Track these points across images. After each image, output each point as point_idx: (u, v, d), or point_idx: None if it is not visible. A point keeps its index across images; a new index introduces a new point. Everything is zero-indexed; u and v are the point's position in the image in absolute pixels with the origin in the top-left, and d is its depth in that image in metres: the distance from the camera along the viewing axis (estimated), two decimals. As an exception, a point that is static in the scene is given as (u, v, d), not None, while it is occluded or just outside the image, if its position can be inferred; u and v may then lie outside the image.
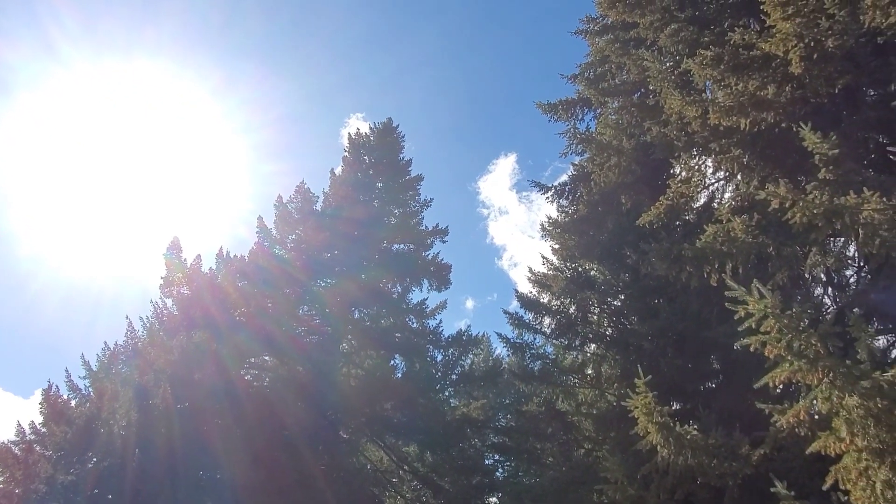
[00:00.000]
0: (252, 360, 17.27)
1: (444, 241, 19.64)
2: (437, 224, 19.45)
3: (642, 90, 12.60)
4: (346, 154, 19.98)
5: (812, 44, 7.87)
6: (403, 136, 20.18)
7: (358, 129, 20.94)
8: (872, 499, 4.89)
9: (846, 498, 5.29)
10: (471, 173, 72.65)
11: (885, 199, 6.33)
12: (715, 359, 11.23)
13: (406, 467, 18.83)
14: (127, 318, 15.25)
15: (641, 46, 12.10)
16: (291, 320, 17.20)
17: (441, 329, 18.51)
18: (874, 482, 4.89)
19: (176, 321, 15.39)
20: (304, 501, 13.85)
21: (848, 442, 5.09)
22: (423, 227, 19.63)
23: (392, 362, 19.04)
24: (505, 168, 67.56)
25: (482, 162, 71.32)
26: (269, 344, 16.14)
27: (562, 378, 14.63)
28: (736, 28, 9.48)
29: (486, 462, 19.90)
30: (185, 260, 16.30)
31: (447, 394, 19.37)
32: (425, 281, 19.13)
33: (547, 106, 15.35)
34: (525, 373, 15.19)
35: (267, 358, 17.60)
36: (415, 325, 19.03)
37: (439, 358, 18.55)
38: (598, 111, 14.60)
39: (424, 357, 18.60)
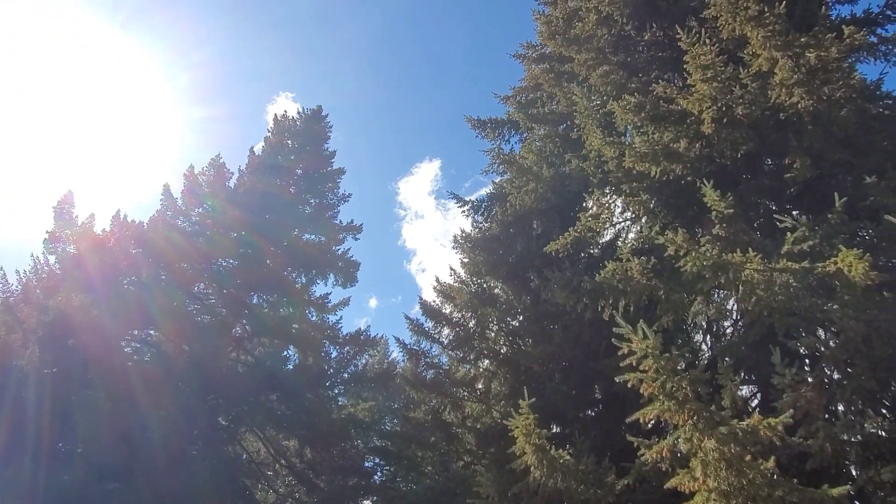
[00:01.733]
0: (135, 332, 16.38)
1: (356, 239, 19.49)
2: (353, 220, 19.30)
3: (568, 123, 13.04)
4: (269, 135, 19.47)
5: (724, 108, 8.45)
6: (331, 127, 19.93)
7: (285, 111, 20.54)
8: (715, 536, 5.26)
9: (693, 533, 5.65)
10: (393, 173, 72.50)
11: (765, 262, 6.85)
12: (598, 388, 11.70)
13: (283, 461, 18.43)
14: (0, 269, 14.09)
15: (574, 81, 12.52)
16: (185, 296, 16.47)
17: (340, 326, 18.36)
18: (719, 521, 5.27)
19: (56, 280, 14.37)
20: (170, 486, 13.23)
21: (701, 482, 5.45)
22: (338, 222, 19.40)
23: (285, 353, 18.66)
24: (428, 173, 67.85)
25: (406, 163, 71.33)
26: (156, 318, 15.36)
27: (452, 389, 14.77)
28: (661, 80, 10.04)
29: (366, 464, 19.77)
30: (76, 217, 15.26)
31: (336, 391, 19.16)
32: (332, 275, 18.88)
33: (476, 122, 15.59)
34: (417, 380, 15.23)
35: (152, 332, 16.75)
36: (314, 318, 18.73)
37: (334, 354, 18.35)
38: (525, 135, 14.97)
39: (319, 352, 18.33)
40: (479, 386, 14.94)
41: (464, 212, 15.15)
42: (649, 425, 8.00)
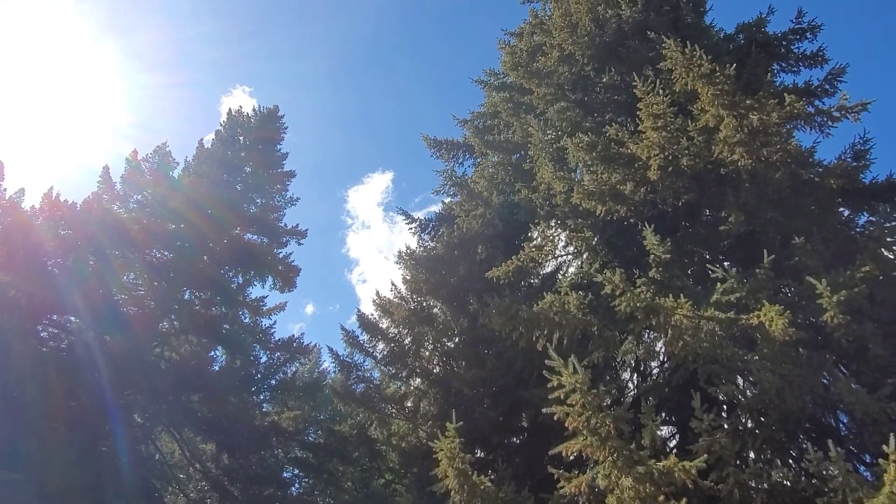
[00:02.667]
0: (55, 317, 15.57)
1: (300, 244, 19.19)
2: (298, 224, 18.97)
3: (522, 153, 13.29)
4: (221, 128, 19.05)
5: (670, 157, 8.79)
6: (286, 128, 19.68)
7: (241, 106, 20.02)
8: (623, 573, 5.36)
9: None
10: (344, 180, 71.88)
11: (695, 309, 7.11)
12: (525, 417, 11.81)
13: (198, 465, 17.75)
14: (-89, 239, 13.20)
15: (531, 113, 12.81)
16: (112, 285, 15.77)
17: (273, 331, 17.94)
18: (628, 558, 5.38)
19: (-28, 256, 13.54)
20: (75, 481, 12.55)
21: (615, 519, 5.57)
22: (283, 224, 19.08)
23: (212, 353, 18.09)
24: (378, 184, 67.67)
25: (358, 172, 70.98)
26: (79, 304, 14.64)
27: (381, 405, 14.64)
28: (614, 123, 10.36)
29: (285, 475, 19.29)
30: (4, 190, 14.47)
31: (262, 397, 18.66)
32: (270, 278, 18.50)
33: (432, 141, 15.72)
34: (346, 392, 15.02)
35: (73, 319, 15.95)
36: (247, 320, 18.26)
37: (263, 359, 17.93)
38: (478, 160, 15.17)
39: (248, 355, 17.87)
40: (409, 404, 14.86)
41: (411, 229, 15.20)
42: (571, 458, 8.13)
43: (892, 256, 7.92)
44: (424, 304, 14.54)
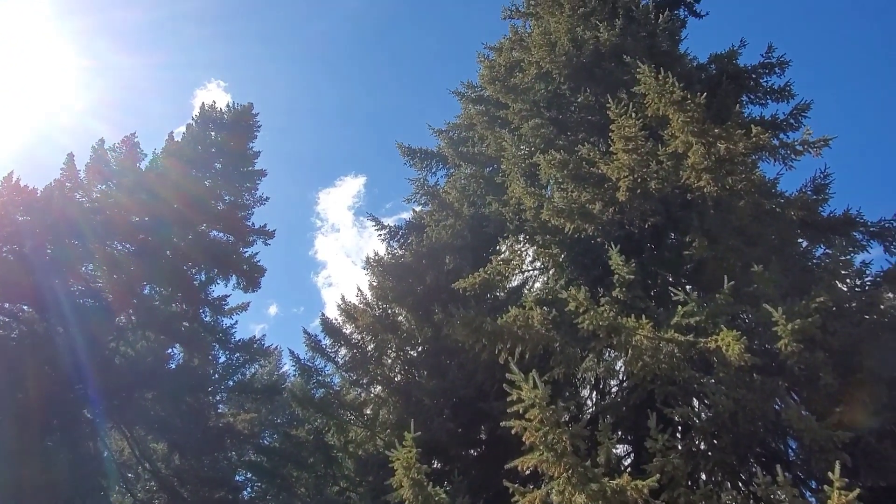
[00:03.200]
0: (6, 305, 15.08)
1: (267, 244, 18.91)
2: (266, 225, 18.69)
3: (495, 166, 13.37)
4: (193, 123, 18.70)
5: (639, 180, 8.95)
6: (260, 126, 19.39)
7: (214, 101, 19.68)
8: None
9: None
10: (316, 181, 71.09)
11: (655, 330, 7.23)
12: (484, 430, 11.82)
13: (147, 465, 17.30)
14: None
15: (506, 128, 12.91)
16: (69, 275, 15.35)
17: (234, 331, 17.64)
18: (577, 576, 5.41)
19: (-77, 237, 13.05)
20: (17, 476, 12.12)
21: (566, 534, 5.60)
22: (251, 223, 18.77)
23: (169, 350, 17.69)
24: (351, 188, 67.14)
25: (330, 175, 70.11)
26: (31, 293, 14.21)
27: (340, 411, 14.50)
28: (587, 142, 10.51)
29: (237, 478, 18.94)
30: (-34, 171, 13.99)
31: (218, 398, 18.31)
32: (234, 277, 18.19)
33: (406, 149, 15.73)
34: (305, 397, 14.86)
35: (25, 307, 15.48)
36: (207, 318, 17.91)
37: (222, 359, 17.62)
38: (451, 171, 15.22)
39: (207, 355, 17.53)
40: (368, 412, 14.76)
41: (380, 235, 15.15)
42: (527, 473, 8.15)
43: (845, 289, 8.18)
44: (389, 311, 14.48)
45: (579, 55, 12.06)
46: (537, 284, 11.73)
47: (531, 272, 11.87)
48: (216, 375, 17.40)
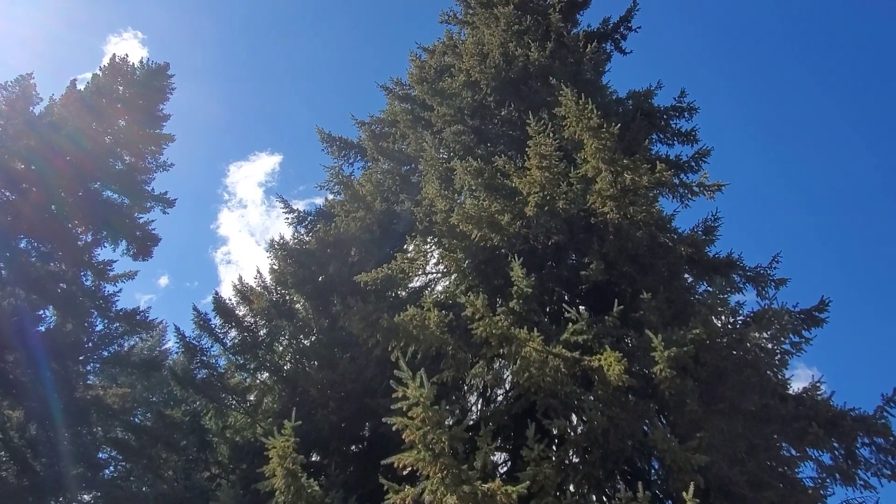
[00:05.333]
0: None
1: (165, 213, 17.94)
2: (167, 192, 17.71)
3: (412, 165, 13.41)
4: (100, 73, 17.47)
5: (548, 198, 9.23)
6: (174, 89, 18.39)
7: (127, 54, 18.49)
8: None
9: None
10: (227, 153, 67.92)
11: (544, 344, 7.46)
12: (368, 427, 11.73)
13: (-1, 433, 15.88)
14: None
15: (429, 130, 12.99)
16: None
17: (117, 299, 16.50)
18: (440, 576, 5.47)
19: None
20: None
21: (435, 535, 5.65)
22: (150, 189, 17.75)
23: (41, 312, 16.34)
24: (265, 165, 64.72)
25: (244, 148, 67.22)
26: None
27: (221, 395, 13.96)
28: (504, 155, 10.74)
29: (100, 455, 17.72)
30: None
31: (89, 368, 17.11)
32: (124, 242, 17.11)
33: (326, 136, 15.48)
34: (186, 377, 14.15)
35: None
36: (88, 283, 16.70)
37: (99, 327, 16.45)
38: (369, 164, 15.11)
39: (83, 321, 16.33)
40: (252, 398, 14.33)
41: (288, 219, 14.80)
42: (405, 473, 8.17)
43: (719, 324, 8.78)
44: (287, 297, 14.12)
45: (509, 70, 12.33)
46: (439, 287, 11.82)
47: (434, 275, 11.93)
48: (90, 344, 16.21)
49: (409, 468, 7.16)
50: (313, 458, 11.15)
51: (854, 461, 7.62)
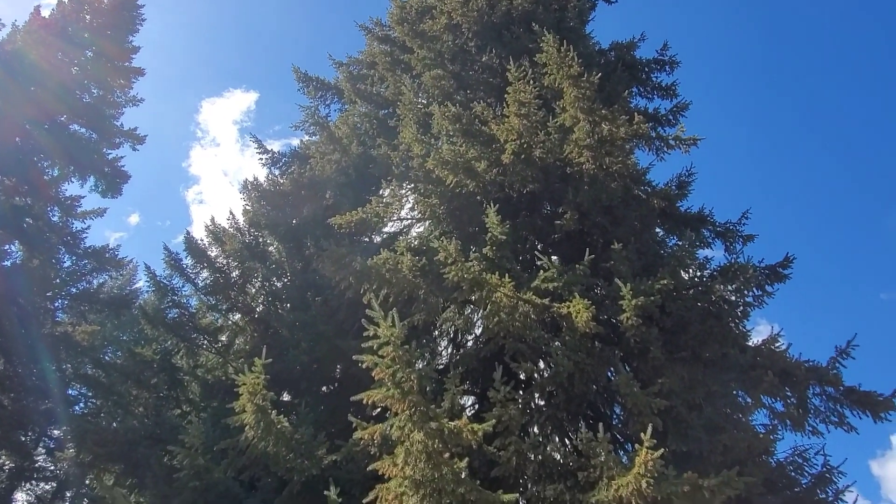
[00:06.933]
0: None
1: (135, 149, 17.44)
2: (137, 128, 17.16)
3: (390, 109, 13.18)
4: (66, 0, 16.66)
5: (525, 146, 9.20)
6: (144, 20, 17.61)
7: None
8: (397, 520, 5.64)
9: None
10: (200, 88, 65.80)
11: (514, 290, 7.56)
12: (339, 369, 11.86)
13: (-36, 367, 15.73)
14: None
15: (408, 73, 12.73)
16: None
17: (85, 236, 16.19)
18: (403, 506, 5.66)
19: None
20: None
21: (400, 468, 5.81)
22: (119, 124, 17.18)
23: (6, 247, 15.98)
24: (240, 102, 63.07)
25: (219, 84, 64.99)
26: None
27: (192, 335, 13.93)
28: (482, 101, 10.62)
29: (70, 392, 17.70)
30: None
31: (58, 304, 16.89)
32: (92, 178, 16.67)
33: (302, 75, 15.10)
34: (157, 316, 14.04)
35: None
36: (55, 218, 16.33)
37: (67, 264, 16.18)
38: (346, 107, 14.81)
39: (50, 257, 16.03)
40: (223, 339, 14.31)
41: (262, 160, 14.53)
42: (374, 414, 8.34)
43: (686, 277, 8.98)
44: (260, 239, 13.99)
45: (491, 14, 12.10)
46: (413, 232, 11.83)
47: (409, 221, 11.91)
48: (58, 280, 15.98)
49: (379, 409, 7.35)
50: (284, 398, 11.30)
51: (805, 409, 7.97)
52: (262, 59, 61.70)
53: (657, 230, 10.73)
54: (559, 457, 7.52)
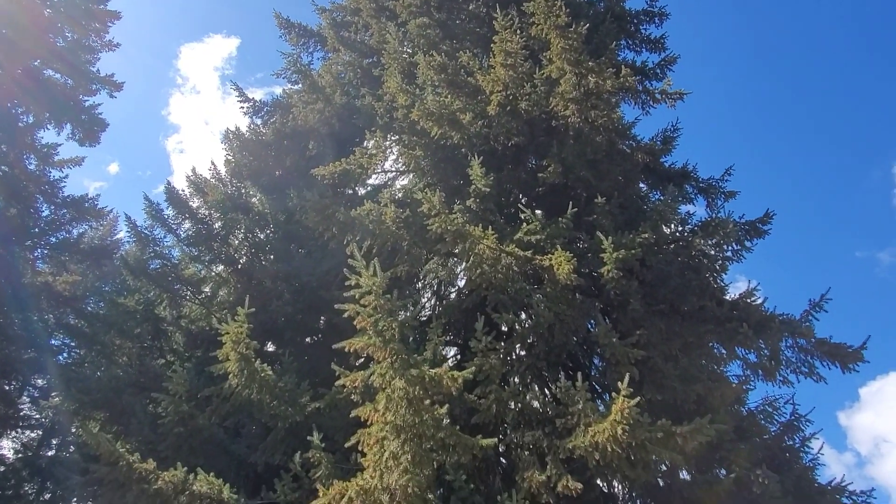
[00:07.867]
0: None
1: (113, 96, 16.97)
2: (114, 75, 16.66)
3: (375, 58, 12.93)
4: (34, -62, 15.92)
5: (511, 98, 9.11)
6: (118, -38, 16.93)
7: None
8: (378, 463, 5.77)
9: (362, 458, 6.11)
10: (179, 33, 63.67)
11: (497, 242, 7.60)
12: (323, 319, 11.93)
13: (-56, 316, 15.59)
14: None
15: (393, 21, 12.43)
16: None
17: (63, 185, 15.84)
18: (384, 450, 5.78)
19: None
20: None
21: (381, 414, 5.92)
22: (95, 70, 16.63)
23: (-18, 197, 15.67)
24: (220, 48, 61.26)
25: (198, 29, 62.80)
26: None
27: (175, 286, 13.87)
28: (468, 51, 10.43)
29: (53, 342, 17.67)
30: None
31: (37, 254, 16.68)
32: (69, 126, 16.23)
33: (284, 22, 14.69)
34: (139, 267, 13.92)
35: None
36: (32, 167, 15.97)
37: (46, 213, 15.92)
38: (329, 55, 14.50)
39: (28, 207, 15.74)
40: (206, 289, 14.26)
41: (243, 108, 14.21)
42: (357, 363, 8.43)
43: (668, 232, 9.07)
44: (243, 190, 13.84)
45: (478, -41, 11.77)
46: (398, 185, 11.76)
47: (393, 173, 11.84)
48: (36, 230, 15.73)
49: (362, 358, 7.45)
50: (268, 348, 11.38)
51: (777, 360, 8.19)
52: (244, 3, 59.72)
53: (641, 185, 10.77)
54: (538, 405, 7.71)
